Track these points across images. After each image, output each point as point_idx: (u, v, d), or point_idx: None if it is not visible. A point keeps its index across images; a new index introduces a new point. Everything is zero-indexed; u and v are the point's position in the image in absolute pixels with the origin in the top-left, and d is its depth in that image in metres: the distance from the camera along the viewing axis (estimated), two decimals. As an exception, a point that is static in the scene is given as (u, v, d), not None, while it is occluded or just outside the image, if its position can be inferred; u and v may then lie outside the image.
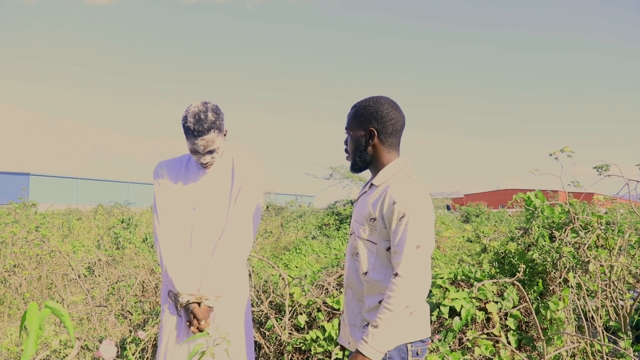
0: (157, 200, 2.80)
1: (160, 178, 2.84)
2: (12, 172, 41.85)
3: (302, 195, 22.42)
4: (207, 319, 2.63)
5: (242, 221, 2.73)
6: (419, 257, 2.04)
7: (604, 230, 4.08)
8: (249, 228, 2.75)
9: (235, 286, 2.76)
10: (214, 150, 2.69)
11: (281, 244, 12.72)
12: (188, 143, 2.68)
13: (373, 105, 2.24)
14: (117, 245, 10.02)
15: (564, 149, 4.07)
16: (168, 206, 2.78)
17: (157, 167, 2.88)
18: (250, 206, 2.76)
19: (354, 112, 2.29)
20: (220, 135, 2.68)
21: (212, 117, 2.61)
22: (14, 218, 11.34)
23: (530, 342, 3.98)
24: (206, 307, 2.63)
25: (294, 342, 4.02)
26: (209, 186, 2.79)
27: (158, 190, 2.82)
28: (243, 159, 2.85)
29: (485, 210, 23.81)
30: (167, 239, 2.72)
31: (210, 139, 2.63)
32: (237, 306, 2.77)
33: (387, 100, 2.26)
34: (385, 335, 2.01)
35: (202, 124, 2.58)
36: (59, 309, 1.22)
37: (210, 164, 2.74)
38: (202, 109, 2.61)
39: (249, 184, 2.77)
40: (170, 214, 2.76)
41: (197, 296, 2.62)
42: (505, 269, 4.47)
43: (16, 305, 7.08)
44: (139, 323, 4.77)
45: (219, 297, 2.65)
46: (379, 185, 2.22)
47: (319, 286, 4.45)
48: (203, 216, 2.75)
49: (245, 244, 2.74)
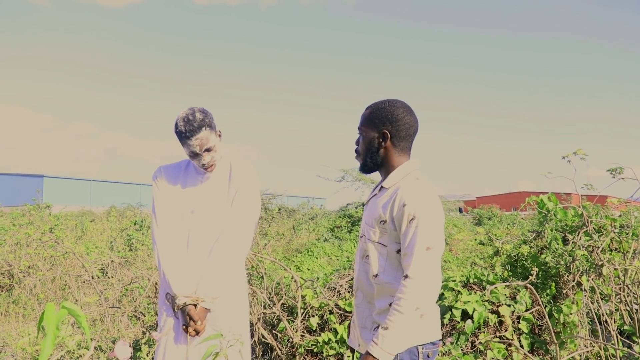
0: (155, 203, 2.85)
1: (159, 182, 2.89)
2: (26, 174, 42.23)
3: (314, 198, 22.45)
4: (204, 320, 2.66)
5: (239, 224, 2.77)
6: (429, 259, 2.04)
7: (618, 233, 4.05)
8: (245, 231, 2.79)
9: (233, 288, 2.79)
10: (211, 148, 2.73)
11: (293, 246, 12.74)
12: (185, 148, 2.74)
13: (388, 108, 2.24)
14: (130, 247, 10.08)
15: (577, 151, 4.05)
16: (166, 209, 2.82)
17: (156, 172, 2.94)
18: (246, 209, 2.81)
19: (369, 113, 2.30)
20: (212, 133, 2.74)
21: (200, 116, 2.68)
22: (28, 220, 11.44)
23: (543, 345, 3.96)
24: (202, 308, 2.66)
25: (306, 344, 4.03)
26: (207, 190, 2.84)
27: (157, 193, 2.87)
28: (239, 165, 2.91)
29: (497, 212, 23.71)
30: (164, 242, 2.77)
31: (204, 137, 2.69)
32: (234, 307, 2.80)
33: (402, 104, 2.27)
34: (395, 337, 2.01)
35: (192, 124, 2.65)
36: (75, 309, 1.23)
37: (210, 164, 2.78)
38: (189, 112, 2.69)
39: (244, 188, 2.82)
40: (168, 216, 2.81)
41: (194, 298, 2.65)
42: (517, 272, 4.45)
43: (30, 305, 7.15)
44: (151, 324, 4.80)
45: (215, 298, 2.68)
46: (389, 188, 2.22)
47: (331, 288, 4.45)
48: (200, 219, 2.79)
49: (242, 246, 2.78)
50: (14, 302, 7.46)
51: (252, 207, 2.84)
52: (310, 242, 12.55)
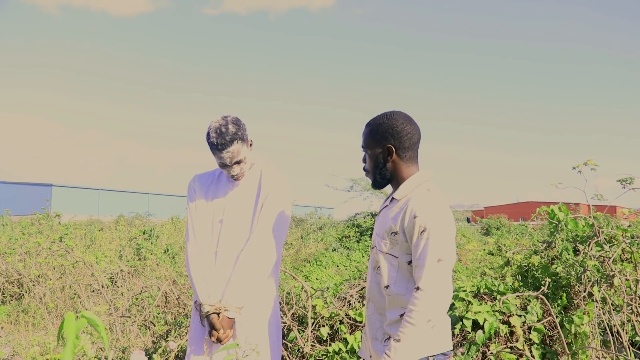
0: (190, 217, 2.89)
1: (193, 192, 2.93)
2: (35, 182, 42.45)
3: (322, 207, 22.44)
4: (227, 329, 2.66)
5: (265, 232, 2.76)
6: (440, 271, 2.04)
7: (629, 243, 4.04)
8: (271, 239, 2.78)
9: (260, 297, 2.78)
10: (241, 160, 2.76)
11: (301, 255, 12.75)
12: (216, 158, 2.76)
13: (387, 122, 2.24)
14: (139, 256, 10.11)
15: (588, 161, 4.05)
16: (198, 219, 2.85)
17: (191, 182, 2.98)
18: (274, 217, 2.80)
19: (370, 131, 2.30)
20: (244, 145, 2.75)
21: (233, 129, 2.69)
22: (37, 229, 11.50)
23: (554, 356, 3.94)
24: (226, 317, 2.66)
25: (316, 354, 4.02)
26: (237, 199, 2.85)
27: (191, 205, 2.90)
28: (269, 173, 2.90)
29: (506, 223, 23.65)
30: (194, 251, 2.80)
31: (235, 150, 2.70)
32: (260, 317, 2.78)
33: (400, 114, 2.27)
34: (407, 349, 2.01)
35: (224, 137, 2.66)
36: (95, 319, 1.25)
37: (240, 175, 2.80)
38: (223, 123, 2.70)
39: (273, 196, 2.82)
40: (200, 226, 2.84)
41: (217, 307, 2.66)
42: (528, 283, 4.44)
43: (40, 314, 7.17)
44: (161, 334, 4.81)
45: (239, 308, 2.68)
46: (400, 199, 2.22)
47: (341, 298, 4.45)
48: (229, 229, 2.80)
49: (268, 255, 2.77)
50: (24, 311, 7.49)
51: (280, 212, 2.83)
52: (318, 252, 12.55)
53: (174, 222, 18.01)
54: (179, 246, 11.75)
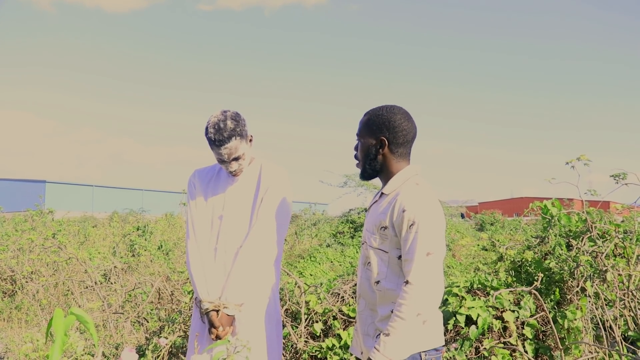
0: (190, 213, 2.86)
1: (193, 188, 2.90)
2: (28, 179, 42.25)
3: (316, 203, 22.43)
4: (227, 326, 2.64)
5: (265, 226, 2.73)
6: (429, 265, 2.03)
7: (622, 238, 4.05)
8: (271, 233, 2.75)
9: (260, 293, 2.76)
10: (239, 157, 2.72)
11: (295, 251, 12.75)
12: (214, 153, 2.73)
13: (386, 115, 2.24)
14: (133, 253, 10.08)
15: (581, 157, 4.05)
16: (197, 215, 2.83)
17: (191, 177, 2.95)
18: (274, 211, 2.76)
19: (367, 120, 2.29)
20: (243, 141, 2.71)
21: (232, 125, 2.65)
22: (31, 225, 11.46)
23: (547, 351, 3.95)
24: (224, 314, 2.64)
25: (310, 350, 4.02)
26: (236, 195, 2.82)
27: (191, 202, 2.88)
28: (269, 167, 2.88)
29: (500, 218, 23.72)
30: (194, 248, 2.77)
31: (233, 147, 2.67)
32: (260, 313, 2.77)
33: (400, 110, 2.26)
34: (397, 343, 2.01)
35: (222, 133, 2.63)
36: (84, 316, 1.24)
37: (238, 171, 2.77)
38: (222, 118, 2.65)
39: (274, 189, 2.79)
40: (200, 223, 2.81)
41: (216, 304, 2.64)
42: (521, 278, 4.45)
43: (33, 311, 7.15)
44: (155, 330, 4.79)
45: (239, 305, 2.66)
46: (389, 194, 2.22)
47: (335, 294, 4.45)
48: (229, 224, 2.77)
49: (268, 249, 2.74)
50: (17, 308, 7.46)
51: (281, 205, 2.80)
52: (312, 248, 12.55)
53: (167, 218, 17.96)
54: (173, 242, 11.72)
